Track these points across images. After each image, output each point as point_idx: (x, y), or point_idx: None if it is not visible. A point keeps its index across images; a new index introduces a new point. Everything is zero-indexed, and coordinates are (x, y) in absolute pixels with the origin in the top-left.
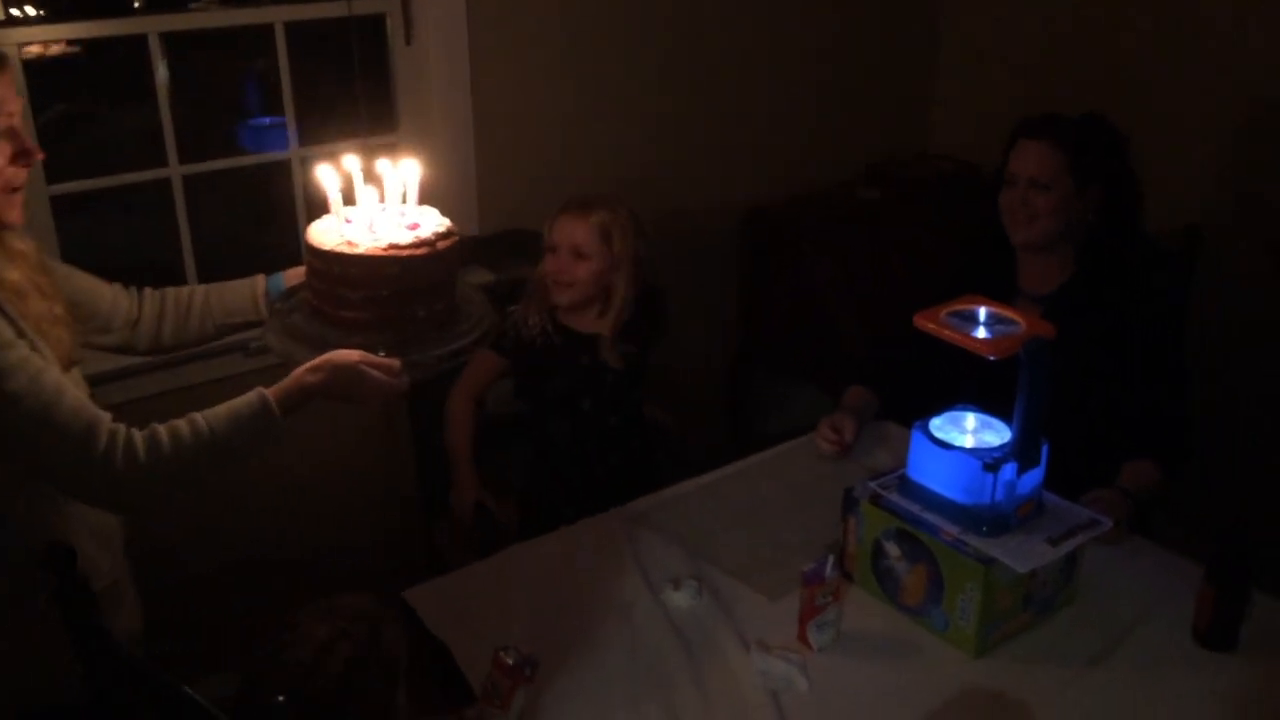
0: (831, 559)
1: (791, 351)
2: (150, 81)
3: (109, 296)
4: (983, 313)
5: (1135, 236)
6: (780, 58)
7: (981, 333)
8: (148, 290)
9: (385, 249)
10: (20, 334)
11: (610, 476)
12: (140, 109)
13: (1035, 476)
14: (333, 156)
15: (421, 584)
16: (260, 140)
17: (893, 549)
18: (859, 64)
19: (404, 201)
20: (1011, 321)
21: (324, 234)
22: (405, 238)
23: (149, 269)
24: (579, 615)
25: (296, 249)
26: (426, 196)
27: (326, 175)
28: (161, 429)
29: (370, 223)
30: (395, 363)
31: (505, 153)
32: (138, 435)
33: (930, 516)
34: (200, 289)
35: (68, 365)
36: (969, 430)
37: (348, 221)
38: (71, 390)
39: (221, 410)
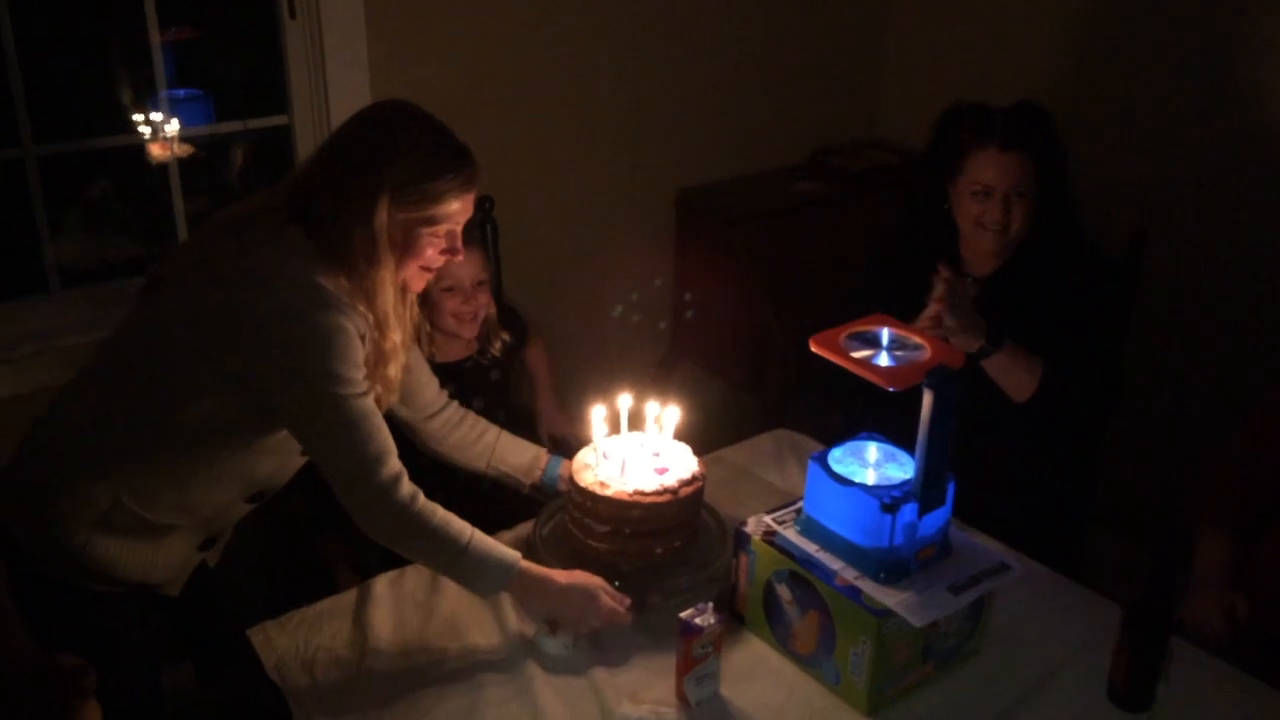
0: (710, 606)
1: (722, 351)
2: None
3: (426, 382)
4: (885, 335)
5: (1070, 213)
6: (718, 34)
7: (883, 359)
8: (456, 402)
9: (631, 495)
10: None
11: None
12: None
13: (939, 517)
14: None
15: (269, 620)
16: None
17: (785, 592)
18: (802, 43)
19: (660, 432)
20: (916, 346)
21: (583, 469)
22: (651, 483)
23: None
24: (439, 663)
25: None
26: None
27: (596, 413)
28: (441, 511)
29: (624, 462)
30: (626, 600)
31: None
32: (422, 494)
33: (824, 559)
34: (495, 429)
35: None
36: (870, 463)
37: (605, 457)
38: (384, 425)
39: (485, 544)
